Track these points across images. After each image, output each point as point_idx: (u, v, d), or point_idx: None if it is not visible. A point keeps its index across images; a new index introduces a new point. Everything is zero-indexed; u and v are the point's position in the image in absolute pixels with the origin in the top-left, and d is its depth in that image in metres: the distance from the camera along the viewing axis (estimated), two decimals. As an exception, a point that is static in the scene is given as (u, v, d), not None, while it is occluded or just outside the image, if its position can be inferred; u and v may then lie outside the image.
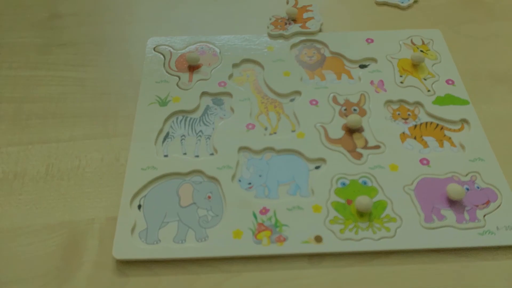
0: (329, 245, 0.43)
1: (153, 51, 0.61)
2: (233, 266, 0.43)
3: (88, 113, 0.55)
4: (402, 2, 0.67)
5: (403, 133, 0.52)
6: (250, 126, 0.53)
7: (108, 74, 0.59)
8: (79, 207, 0.47)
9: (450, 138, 0.52)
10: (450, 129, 0.52)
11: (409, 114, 0.54)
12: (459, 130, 0.52)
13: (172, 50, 0.61)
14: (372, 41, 0.62)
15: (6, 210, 0.47)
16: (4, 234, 0.45)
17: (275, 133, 0.52)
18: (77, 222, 0.46)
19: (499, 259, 0.43)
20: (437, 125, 0.53)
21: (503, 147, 0.51)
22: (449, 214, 0.45)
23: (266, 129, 0.53)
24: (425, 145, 0.51)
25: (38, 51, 0.62)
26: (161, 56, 0.60)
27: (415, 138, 0.52)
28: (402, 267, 0.43)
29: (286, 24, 0.63)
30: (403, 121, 0.53)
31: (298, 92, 0.56)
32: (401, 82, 0.57)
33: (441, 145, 0.51)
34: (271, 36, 0.62)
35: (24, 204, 0.47)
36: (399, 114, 0.54)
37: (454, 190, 0.46)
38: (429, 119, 0.53)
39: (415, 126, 0.53)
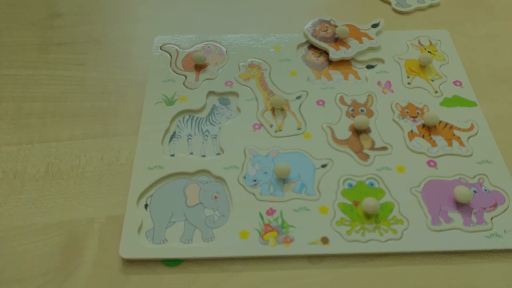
0: (336, 247, 0.43)
1: (160, 50, 0.60)
2: (233, 265, 0.43)
3: (88, 112, 0.55)
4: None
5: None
6: (256, 126, 0.52)
7: (108, 73, 0.59)
8: (79, 207, 0.47)
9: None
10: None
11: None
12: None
13: (178, 49, 0.61)
14: (379, 41, 0.61)
15: (6, 210, 0.47)
16: (4, 233, 0.45)
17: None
18: (77, 221, 0.46)
19: (506, 262, 0.43)
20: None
21: (511, 149, 0.51)
22: (456, 217, 0.45)
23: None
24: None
25: (38, 50, 0.62)
26: (168, 55, 0.60)
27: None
28: (405, 268, 0.43)
29: None
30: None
31: (304, 92, 0.56)
32: (409, 83, 0.57)
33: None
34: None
35: (24, 203, 0.47)
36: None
37: (462, 192, 0.45)
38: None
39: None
